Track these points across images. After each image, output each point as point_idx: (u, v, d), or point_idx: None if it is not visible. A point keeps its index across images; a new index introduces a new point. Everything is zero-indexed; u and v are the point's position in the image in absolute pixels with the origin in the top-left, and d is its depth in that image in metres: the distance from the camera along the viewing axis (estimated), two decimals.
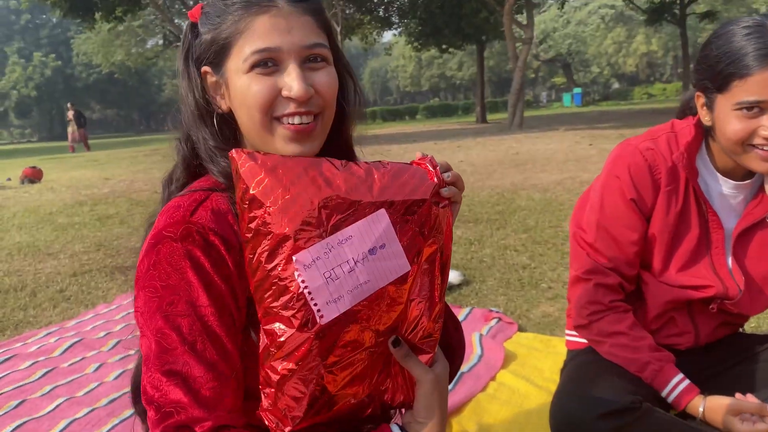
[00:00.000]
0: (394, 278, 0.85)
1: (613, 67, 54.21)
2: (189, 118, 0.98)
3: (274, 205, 0.81)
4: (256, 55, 0.89)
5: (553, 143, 11.95)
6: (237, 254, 0.87)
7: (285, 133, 0.91)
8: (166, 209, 0.91)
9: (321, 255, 0.80)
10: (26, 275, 4.12)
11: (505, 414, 1.91)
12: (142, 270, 0.87)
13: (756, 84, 1.26)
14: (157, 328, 0.83)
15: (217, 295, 0.85)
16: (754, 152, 1.31)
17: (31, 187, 10.02)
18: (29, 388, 2.31)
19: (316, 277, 0.80)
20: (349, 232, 0.82)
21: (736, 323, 1.61)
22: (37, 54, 56.98)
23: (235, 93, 0.92)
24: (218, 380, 0.82)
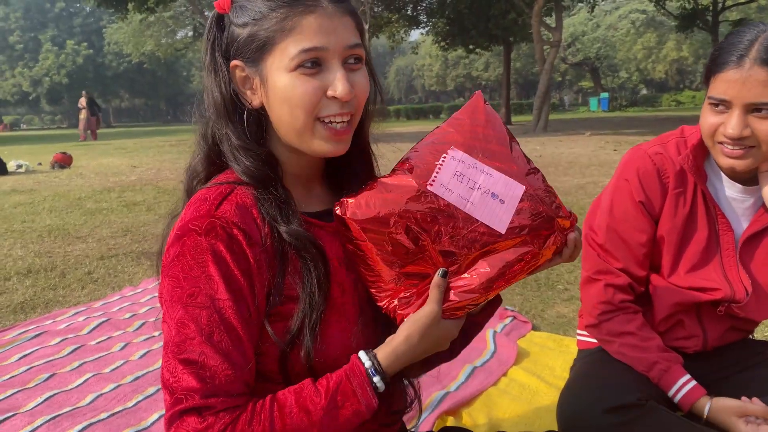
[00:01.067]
0: (488, 222, 0.96)
1: (641, 73, 53.49)
2: (213, 113, 0.98)
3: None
4: (304, 54, 0.90)
5: (577, 147, 11.89)
6: (258, 249, 0.91)
7: (326, 134, 0.94)
8: (193, 201, 0.94)
9: (466, 162, 0.98)
10: (56, 257, 4.25)
11: (515, 408, 1.96)
12: (168, 259, 0.91)
13: (723, 82, 1.31)
14: (177, 318, 0.87)
15: (236, 289, 0.88)
16: (719, 147, 1.36)
17: (61, 172, 10.25)
18: (58, 363, 2.42)
19: (451, 169, 0.98)
20: (494, 172, 0.98)
21: (744, 329, 1.63)
22: (70, 42, 57.88)
23: (275, 91, 0.93)
24: (232, 369, 0.87)
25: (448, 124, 1.04)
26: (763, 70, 1.26)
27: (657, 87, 58.88)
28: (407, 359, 0.96)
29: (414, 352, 0.96)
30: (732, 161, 1.35)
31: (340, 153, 0.98)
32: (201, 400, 0.85)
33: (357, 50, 0.94)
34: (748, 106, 1.29)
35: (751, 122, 1.31)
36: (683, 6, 25.92)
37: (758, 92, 1.27)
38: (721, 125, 1.34)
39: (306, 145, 0.96)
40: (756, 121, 1.30)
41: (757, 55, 1.27)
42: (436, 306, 0.94)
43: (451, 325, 0.97)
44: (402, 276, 0.96)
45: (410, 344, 0.95)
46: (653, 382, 1.48)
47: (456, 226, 0.96)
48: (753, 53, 1.27)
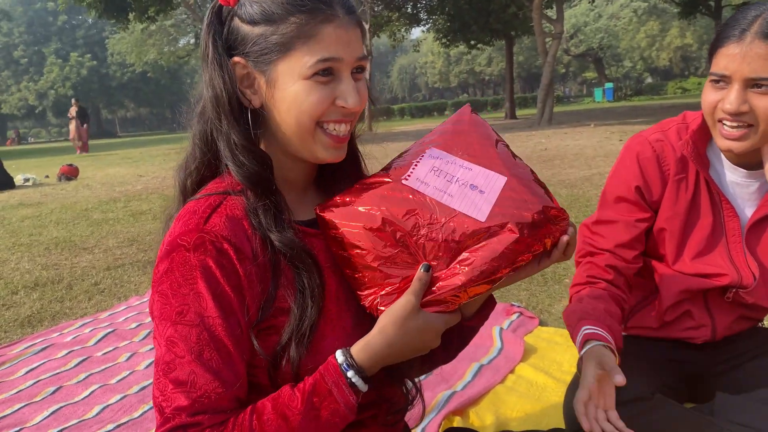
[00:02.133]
0: (466, 212, 0.92)
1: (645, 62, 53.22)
2: (212, 110, 0.95)
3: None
4: (321, 63, 0.89)
5: (582, 139, 11.83)
6: (248, 263, 0.89)
7: (327, 141, 0.94)
8: (182, 213, 0.92)
9: (444, 158, 0.98)
10: (63, 269, 4.26)
11: (523, 406, 1.94)
12: (157, 274, 0.89)
13: (724, 57, 1.29)
14: (167, 336, 0.86)
15: (225, 305, 0.87)
16: (718, 126, 1.34)
17: (67, 184, 10.30)
18: (65, 376, 2.42)
19: (428, 165, 0.97)
20: (473, 166, 0.96)
21: (753, 317, 1.60)
22: (74, 54, 58.25)
23: (285, 95, 0.91)
24: (223, 387, 0.86)
25: (433, 133, 1.04)
26: (763, 44, 1.24)
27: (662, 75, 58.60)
28: (386, 353, 0.91)
29: (392, 346, 0.90)
30: (730, 143, 1.33)
31: (339, 160, 0.98)
32: (188, 418, 0.84)
33: (363, 61, 0.95)
34: (747, 81, 1.27)
35: (750, 98, 1.29)
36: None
37: (758, 66, 1.25)
38: (721, 101, 1.31)
39: (306, 151, 0.95)
40: (755, 97, 1.28)
41: (759, 29, 1.25)
42: (413, 297, 0.90)
43: (433, 318, 0.91)
44: (384, 273, 0.93)
45: (385, 336, 0.90)
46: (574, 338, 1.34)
47: (433, 217, 0.92)
48: (755, 27, 1.25)
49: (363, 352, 0.90)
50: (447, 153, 0.98)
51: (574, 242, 0.97)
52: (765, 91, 1.27)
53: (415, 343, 0.92)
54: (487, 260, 0.89)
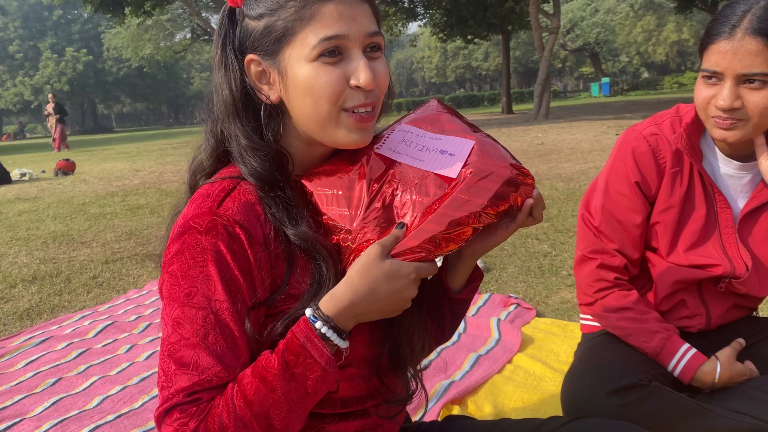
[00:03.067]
0: (438, 171, 0.93)
1: (642, 56, 53.20)
2: (222, 111, 0.96)
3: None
4: (325, 42, 0.87)
5: (579, 133, 11.84)
6: (259, 248, 0.89)
7: (350, 122, 0.92)
8: (196, 196, 0.92)
9: (414, 132, 1.00)
10: (61, 263, 4.26)
11: (521, 395, 1.95)
12: (168, 255, 0.89)
13: (715, 53, 1.30)
14: (174, 317, 0.86)
15: (234, 289, 0.87)
16: (713, 120, 1.35)
17: (64, 178, 10.28)
18: (65, 368, 2.43)
19: (399, 137, 1.00)
20: (442, 136, 0.98)
21: (747, 306, 1.62)
22: (69, 49, 57.98)
23: (296, 82, 0.90)
24: (225, 371, 0.85)
25: (402, 117, 1.06)
26: (754, 40, 1.25)
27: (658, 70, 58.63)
28: (355, 302, 0.88)
29: (358, 294, 0.87)
30: (724, 132, 1.34)
31: (364, 144, 0.96)
32: (186, 398, 0.84)
33: (376, 38, 0.92)
34: (739, 77, 1.28)
35: (742, 93, 1.30)
36: None
37: (749, 62, 1.26)
38: (714, 98, 1.33)
39: (330, 137, 0.94)
40: (747, 93, 1.29)
41: (748, 25, 1.26)
42: (378, 245, 0.88)
43: (402, 264, 0.88)
44: (359, 235, 0.93)
45: (351, 284, 0.88)
46: (652, 354, 1.47)
47: (406, 179, 0.93)
48: (745, 23, 1.26)
49: (329, 302, 0.88)
50: (417, 128, 1.00)
51: (541, 205, 0.97)
52: (757, 87, 1.28)
53: (385, 290, 0.88)
54: (455, 209, 0.89)
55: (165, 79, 62.06)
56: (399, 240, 0.90)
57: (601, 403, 1.39)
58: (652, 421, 1.37)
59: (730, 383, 1.44)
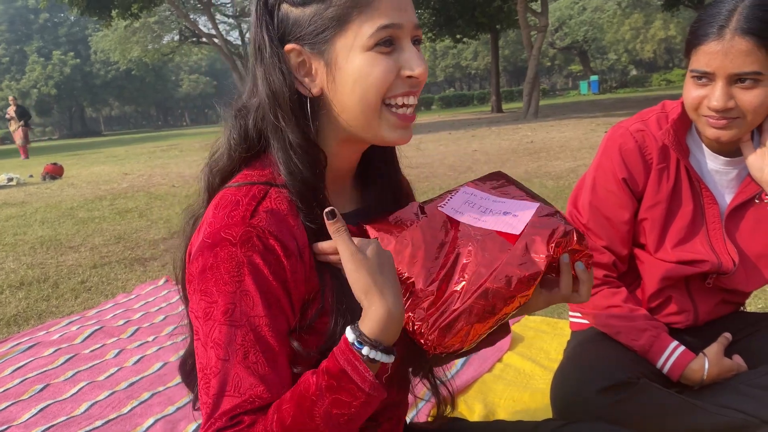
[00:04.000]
0: (501, 229, 0.94)
1: (630, 54, 53.44)
2: (268, 105, 0.89)
3: None
4: (382, 31, 0.84)
5: (568, 131, 11.89)
6: (295, 260, 0.85)
7: (393, 120, 0.89)
8: (222, 203, 0.86)
9: (478, 195, 1.01)
10: (48, 268, 4.23)
11: (511, 394, 1.95)
12: (196, 270, 0.84)
13: (705, 54, 1.30)
14: (213, 338, 0.82)
15: (273, 303, 0.83)
16: (704, 119, 1.35)
17: (52, 183, 10.21)
18: (52, 374, 2.40)
19: (462, 198, 1.01)
20: (506, 200, 0.99)
21: (735, 302, 1.63)
22: (56, 52, 57.61)
23: (347, 72, 0.86)
24: (268, 392, 0.81)
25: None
26: (744, 40, 1.25)
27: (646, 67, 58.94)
28: (385, 309, 0.82)
29: (385, 297, 0.82)
30: (718, 131, 1.34)
31: (406, 141, 0.93)
32: (229, 421, 0.81)
33: (419, 31, 0.90)
34: (731, 77, 1.28)
35: (734, 93, 1.30)
36: None
37: (740, 62, 1.26)
38: (705, 98, 1.32)
39: (372, 132, 0.90)
40: (740, 92, 1.29)
41: (737, 25, 1.25)
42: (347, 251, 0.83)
43: (370, 243, 0.86)
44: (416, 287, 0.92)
45: (374, 302, 0.82)
46: (641, 352, 1.48)
47: (467, 237, 0.93)
48: (733, 23, 1.25)
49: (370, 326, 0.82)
50: (480, 191, 1.01)
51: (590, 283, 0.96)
52: (749, 86, 1.28)
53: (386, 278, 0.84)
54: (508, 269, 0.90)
55: (153, 81, 61.84)
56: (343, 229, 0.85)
57: (591, 402, 1.39)
58: (641, 418, 1.37)
59: (719, 379, 1.44)
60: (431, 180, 6.99)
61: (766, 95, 1.29)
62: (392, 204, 1.05)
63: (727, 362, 1.45)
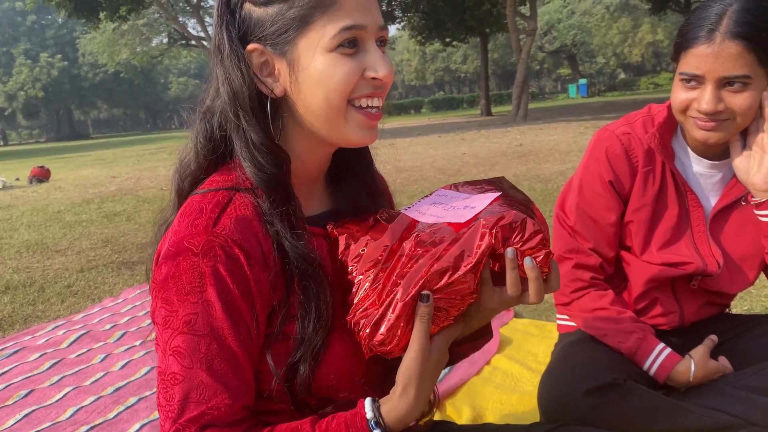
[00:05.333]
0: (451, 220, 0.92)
1: (618, 58, 53.84)
2: (229, 105, 0.88)
3: None
4: (345, 32, 0.83)
5: (557, 134, 11.95)
6: (260, 269, 0.84)
7: (360, 119, 0.88)
8: (187, 210, 0.85)
9: (448, 195, 1.00)
10: (34, 272, 4.19)
11: (499, 396, 1.95)
12: (160, 277, 0.83)
13: (694, 57, 1.30)
14: (174, 346, 0.81)
15: (235, 313, 0.82)
16: (693, 120, 1.36)
17: (39, 186, 10.13)
18: (37, 379, 2.38)
19: (431, 199, 1.01)
20: (470, 196, 0.97)
21: (720, 303, 1.64)
22: (44, 55, 57.24)
23: (309, 73, 0.85)
24: (232, 398, 0.82)
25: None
26: (734, 44, 1.25)
27: (634, 71, 59.40)
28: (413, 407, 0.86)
29: (418, 397, 0.86)
30: (707, 133, 1.35)
31: (372, 142, 0.93)
32: (201, 430, 0.81)
33: (385, 32, 0.89)
34: (720, 80, 1.29)
35: (724, 96, 1.30)
36: None
37: (730, 66, 1.27)
38: (694, 101, 1.33)
39: (337, 133, 0.89)
40: (729, 95, 1.30)
41: (727, 29, 1.26)
42: (421, 341, 0.84)
43: (441, 343, 0.88)
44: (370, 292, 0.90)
45: (409, 396, 0.86)
46: (628, 354, 1.48)
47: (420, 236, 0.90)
48: (723, 27, 1.26)
49: (391, 414, 0.86)
50: (452, 191, 1.00)
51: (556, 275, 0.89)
52: (737, 89, 1.29)
53: (434, 376, 0.89)
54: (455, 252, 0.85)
55: (142, 84, 61.56)
56: (429, 318, 0.84)
57: (577, 404, 1.39)
58: (627, 420, 1.37)
59: (705, 381, 1.45)
60: (420, 183, 6.99)
61: (754, 98, 1.30)
62: (368, 203, 1.04)
63: (712, 364, 1.46)
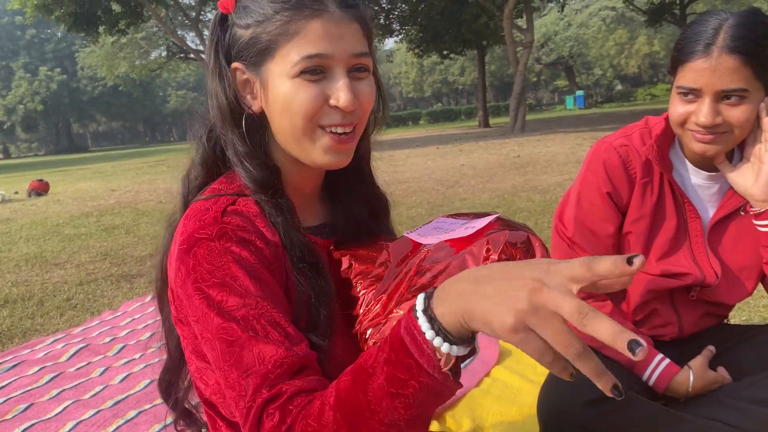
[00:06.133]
0: (453, 236, 0.93)
1: (615, 69, 54.10)
2: (218, 118, 0.93)
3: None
4: (307, 60, 0.85)
5: (555, 146, 11.99)
6: (271, 252, 0.86)
7: (327, 142, 0.90)
8: (193, 213, 0.87)
9: (448, 222, 1.02)
10: (33, 285, 4.19)
11: (499, 408, 1.96)
12: (181, 275, 0.84)
13: (691, 71, 1.32)
14: (216, 327, 0.81)
15: (265, 284, 0.83)
16: (690, 133, 1.37)
17: (38, 199, 10.13)
18: (37, 393, 2.37)
19: (432, 225, 1.02)
20: (469, 221, 0.98)
21: (718, 314, 1.64)
22: (43, 68, 57.42)
23: (276, 97, 0.89)
24: (287, 351, 0.79)
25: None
26: (731, 58, 1.27)
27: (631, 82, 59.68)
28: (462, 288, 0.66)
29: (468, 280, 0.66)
30: (705, 146, 1.36)
31: (341, 165, 0.94)
32: (268, 393, 0.77)
33: (363, 59, 0.90)
34: (718, 93, 1.30)
35: (722, 110, 1.32)
36: (651, 1, 26.32)
37: (728, 80, 1.28)
38: (692, 114, 1.34)
39: (306, 155, 0.91)
40: (726, 108, 1.32)
41: (724, 43, 1.27)
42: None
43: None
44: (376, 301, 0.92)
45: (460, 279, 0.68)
46: (627, 364, 1.49)
47: (425, 254, 0.92)
48: (720, 41, 1.28)
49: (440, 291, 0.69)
50: (452, 218, 1.02)
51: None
52: (735, 102, 1.30)
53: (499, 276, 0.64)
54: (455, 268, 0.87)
55: (141, 97, 61.71)
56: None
57: (577, 415, 1.40)
58: (627, 430, 1.37)
59: (704, 391, 1.46)
60: (419, 194, 7.01)
61: (751, 111, 1.31)
62: (368, 220, 1.06)
63: (711, 374, 1.47)
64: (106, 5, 22.15)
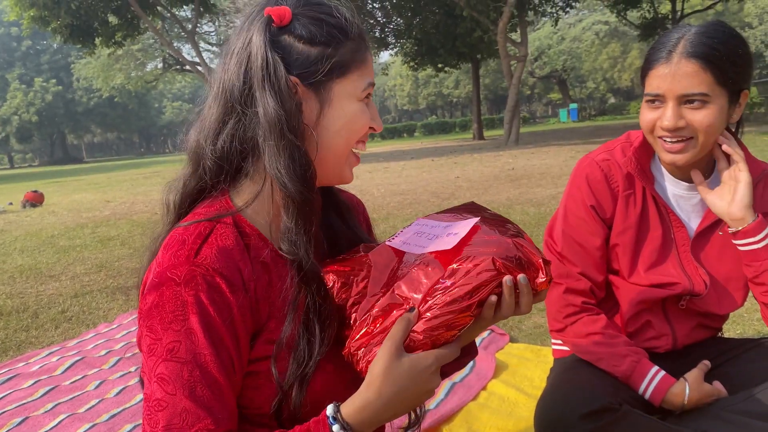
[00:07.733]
0: (436, 248, 0.94)
1: (608, 82, 54.53)
2: (274, 131, 0.89)
3: None
4: (370, 87, 0.97)
5: (549, 158, 12.05)
6: (241, 294, 0.88)
7: (353, 161, 1.01)
8: (171, 242, 0.89)
9: (430, 224, 1.03)
10: (28, 297, 4.17)
11: (496, 422, 1.96)
12: (145, 307, 0.87)
13: (655, 78, 1.39)
14: (158, 373, 0.84)
15: (217, 340, 0.85)
16: (660, 142, 1.42)
17: (32, 210, 10.10)
18: (32, 406, 2.36)
19: (413, 230, 1.03)
20: (451, 223, 1.00)
21: (712, 326, 1.66)
22: (38, 79, 57.41)
23: (341, 114, 0.95)
24: (215, 423, 0.84)
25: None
26: (690, 63, 1.33)
27: (624, 95, 60.04)
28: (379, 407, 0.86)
29: (383, 398, 0.86)
30: (674, 156, 1.41)
31: (351, 180, 1.04)
32: None
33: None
34: (680, 98, 1.36)
35: (685, 114, 1.37)
36: (644, 16, 26.60)
37: (687, 84, 1.34)
38: (659, 119, 1.39)
39: (337, 170, 0.99)
40: (689, 112, 1.37)
41: (683, 50, 1.34)
42: (389, 342, 0.86)
43: (421, 358, 0.86)
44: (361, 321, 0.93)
45: (374, 389, 0.85)
46: (623, 378, 1.49)
47: (408, 267, 0.94)
48: (680, 48, 1.35)
49: (351, 406, 0.86)
50: (432, 220, 1.04)
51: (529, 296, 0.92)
52: (697, 106, 1.36)
53: (411, 389, 0.86)
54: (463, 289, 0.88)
55: (136, 108, 61.73)
56: (411, 324, 0.87)
57: (573, 428, 1.40)
58: None
59: (699, 404, 1.46)
60: (414, 206, 7.03)
61: (714, 116, 1.36)
62: (338, 221, 1.11)
63: (707, 387, 1.48)
64: (102, 17, 22.25)
